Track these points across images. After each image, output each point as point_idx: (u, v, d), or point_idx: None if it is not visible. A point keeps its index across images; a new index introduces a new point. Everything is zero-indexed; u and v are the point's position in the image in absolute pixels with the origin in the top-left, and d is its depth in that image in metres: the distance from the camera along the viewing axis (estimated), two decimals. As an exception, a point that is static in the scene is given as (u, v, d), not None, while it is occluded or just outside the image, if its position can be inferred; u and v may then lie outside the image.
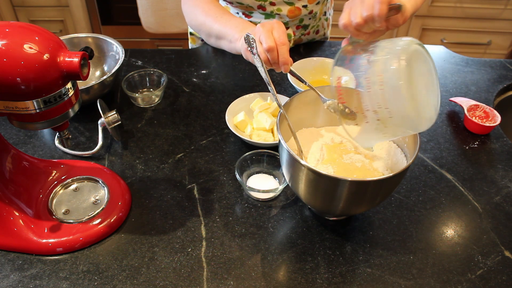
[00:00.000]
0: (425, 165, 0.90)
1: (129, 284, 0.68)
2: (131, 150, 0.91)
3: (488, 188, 0.85)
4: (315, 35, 1.25)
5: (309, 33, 1.23)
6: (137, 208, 0.79)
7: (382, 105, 0.61)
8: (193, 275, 0.69)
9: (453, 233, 0.77)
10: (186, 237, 0.74)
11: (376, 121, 0.64)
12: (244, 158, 0.83)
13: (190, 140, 0.93)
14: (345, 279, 0.69)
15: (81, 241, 0.72)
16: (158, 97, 1.03)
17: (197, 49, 1.25)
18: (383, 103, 0.61)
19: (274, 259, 0.72)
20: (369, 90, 0.62)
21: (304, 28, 1.19)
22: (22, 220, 0.72)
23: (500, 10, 2.12)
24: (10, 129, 0.95)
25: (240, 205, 0.80)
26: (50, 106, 0.60)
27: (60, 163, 0.83)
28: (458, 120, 1.01)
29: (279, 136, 0.68)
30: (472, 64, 1.21)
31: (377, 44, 0.65)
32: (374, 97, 0.61)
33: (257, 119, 0.92)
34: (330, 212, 0.74)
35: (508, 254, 0.74)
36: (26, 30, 0.57)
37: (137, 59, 1.17)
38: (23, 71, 0.55)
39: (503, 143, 0.96)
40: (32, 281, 0.67)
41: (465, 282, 0.70)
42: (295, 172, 0.67)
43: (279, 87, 1.09)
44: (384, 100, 0.61)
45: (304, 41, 1.25)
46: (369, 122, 0.65)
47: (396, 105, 0.61)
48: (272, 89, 0.77)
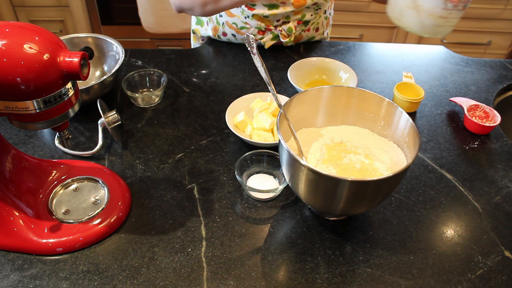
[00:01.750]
0: (425, 165, 0.90)
1: (129, 284, 0.68)
2: (131, 150, 0.91)
3: (488, 188, 0.86)
4: (315, 33, 1.25)
5: (309, 30, 1.23)
6: (137, 208, 0.79)
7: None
8: (193, 275, 0.69)
9: (453, 233, 0.77)
10: (186, 237, 0.74)
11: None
12: (244, 158, 0.83)
13: (190, 140, 0.93)
14: (345, 279, 0.69)
15: (81, 241, 0.72)
16: (158, 97, 1.03)
17: (197, 49, 1.25)
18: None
19: (274, 259, 0.72)
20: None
21: (305, 24, 1.20)
22: (22, 220, 0.72)
23: (500, 10, 2.12)
24: (10, 129, 0.95)
25: (240, 205, 0.80)
26: (50, 106, 0.60)
27: (60, 163, 0.83)
28: (458, 120, 1.02)
29: (279, 136, 0.68)
30: (472, 64, 1.21)
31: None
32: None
33: (257, 119, 0.92)
34: (330, 212, 0.74)
35: (508, 254, 0.74)
36: (26, 30, 0.57)
37: (137, 59, 1.17)
38: (23, 71, 0.55)
39: (503, 143, 0.96)
40: (32, 281, 0.68)
41: (465, 282, 0.70)
42: (295, 172, 0.67)
43: (279, 87, 1.09)
44: None
45: (304, 39, 1.25)
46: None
47: None
48: (272, 89, 0.77)
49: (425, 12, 0.77)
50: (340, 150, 0.77)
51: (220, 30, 1.22)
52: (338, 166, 0.74)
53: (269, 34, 1.19)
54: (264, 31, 1.18)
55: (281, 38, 1.18)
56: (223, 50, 1.23)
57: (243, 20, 1.17)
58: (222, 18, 1.19)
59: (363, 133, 0.81)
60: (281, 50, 1.23)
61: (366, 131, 0.82)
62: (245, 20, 1.16)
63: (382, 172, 0.73)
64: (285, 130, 0.76)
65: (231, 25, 1.19)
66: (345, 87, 0.80)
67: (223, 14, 1.18)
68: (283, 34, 1.18)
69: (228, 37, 1.23)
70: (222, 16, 1.19)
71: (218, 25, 1.21)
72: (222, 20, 1.20)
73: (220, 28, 1.22)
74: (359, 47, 1.27)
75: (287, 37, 1.18)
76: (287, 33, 1.18)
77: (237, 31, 1.20)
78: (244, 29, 1.18)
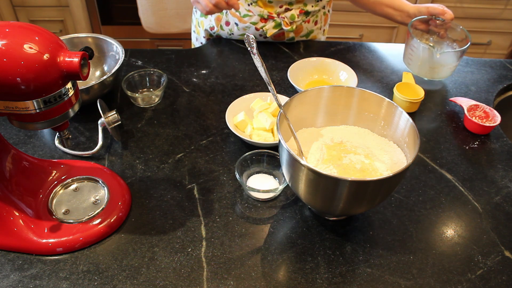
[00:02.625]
0: (425, 165, 0.90)
1: (129, 284, 0.68)
2: (131, 150, 0.91)
3: (488, 188, 0.86)
4: (314, 26, 1.26)
5: (309, 22, 1.24)
6: (137, 208, 0.79)
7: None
8: (193, 275, 0.69)
9: (453, 233, 0.77)
10: (186, 237, 0.74)
11: None
12: (244, 158, 0.83)
13: (190, 140, 0.93)
14: (345, 279, 0.69)
15: (81, 241, 0.72)
16: (158, 97, 1.03)
17: (197, 49, 1.25)
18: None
19: (274, 259, 0.72)
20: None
21: (306, 15, 1.21)
22: (22, 220, 0.72)
23: (500, 10, 2.12)
24: (10, 129, 0.95)
25: (240, 205, 0.80)
26: (50, 106, 0.60)
27: (60, 163, 0.83)
28: (458, 120, 1.02)
29: (279, 136, 0.68)
30: (472, 64, 1.21)
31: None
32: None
33: (257, 119, 0.92)
34: (330, 212, 0.74)
35: (508, 254, 0.74)
36: (26, 30, 0.57)
37: (137, 59, 1.17)
38: (23, 71, 0.55)
39: (503, 143, 0.96)
40: (32, 281, 0.68)
41: (465, 282, 0.70)
42: (295, 172, 0.67)
43: (279, 87, 1.09)
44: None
45: (304, 31, 1.25)
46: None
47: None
48: (272, 89, 0.77)
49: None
50: (340, 150, 0.77)
51: (224, 19, 1.22)
52: (338, 166, 0.74)
53: (272, 22, 1.19)
54: (266, 19, 1.19)
55: (283, 26, 1.19)
56: (223, 50, 1.23)
57: (246, 7, 1.17)
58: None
59: (363, 133, 0.81)
60: (281, 50, 1.23)
61: (366, 131, 0.82)
62: (248, 8, 1.17)
63: (382, 172, 0.73)
64: (285, 130, 0.76)
65: (234, 13, 1.20)
66: (345, 87, 0.80)
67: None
68: (285, 21, 1.18)
69: (230, 27, 1.23)
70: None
71: (222, 14, 1.22)
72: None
73: (223, 17, 1.22)
74: (359, 47, 1.27)
75: (289, 25, 1.19)
76: (289, 20, 1.18)
77: (239, 19, 1.20)
78: (247, 17, 1.19)
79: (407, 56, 1.14)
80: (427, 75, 1.12)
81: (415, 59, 1.10)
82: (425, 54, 1.07)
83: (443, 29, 1.13)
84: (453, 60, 1.07)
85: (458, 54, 1.06)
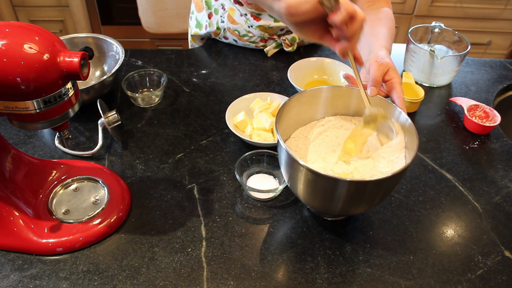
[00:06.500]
0: (425, 165, 0.90)
1: (129, 284, 0.68)
2: (131, 150, 0.91)
3: (488, 188, 0.85)
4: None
5: None
6: (137, 208, 0.79)
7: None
8: (193, 275, 0.69)
9: (453, 233, 0.77)
10: (186, 237, 0.74)
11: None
12: (244, 158, 0.83)
13: (190, 140, 0.93)
14: (345, 279, 0.69)
15: (81, 241, 0.72)
16: (158, 97, 1.03)
17: (197, 49, 1.25)
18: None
19: (274, 259, 0.72)
20: None
21: None
22: (22, 220, 0.72)
23: (500, 10, 2.12)
24: (10, 129, 0.95)
25: (240, 205, 0.80)
26: (50, 106, 0.60)
27: (60, 163, 0.83)
28: (458, 120, 1.01)
29: (277, 136, 0.68)
30: (472, 64, 1.21)
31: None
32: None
33: (257, 119, 0.92)
34: (329, 212, 0.74)
35: (508, 254, 0.74)
36: (26, 30, 0.57)
37: (137, 59, 1.17)
38: (23, 71, 0.55)
39: (503, 143, 0.96)
40: (32, 281, 0.68)
41: (465, 282, 0.70)
42: (294, 173, 0.67)
43: (279, 87, 1.09)
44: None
45: (305, 43, 1.25)
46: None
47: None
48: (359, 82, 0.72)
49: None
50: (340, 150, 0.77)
51: (221, 34, 1.22)
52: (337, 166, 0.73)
53: (272, 42, 1.19)
54: (267, 40, 1.18)
55: (284, 47, 1.19)
56: (223, 50, 1.23)
57: (246, 28, 1.16)
58: (224, 24, 1.19)
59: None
60: (281, 50, 1.23)
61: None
62: (248, 29, 1.16)
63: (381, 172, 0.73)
64: (283, 130, 0.76)
65: (233, 32, 1.19)
66: (345, 87, 0.80)
67: (225, 20, 1.18)
68: (286, 43, 1.18)
69: (229, 41, 1.23)
70: (224, 22, 1.19)
71: (219, 30, 1.21)
72: (223, 25, 1.19)
73: (221, 33, 1.21)
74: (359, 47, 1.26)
75: (290, 46, 1.19)
76: (290, 42, 1.18)
77: (239, 37, 1.20)
78: (246, 36, 1.18)
79: (407, 62, 1.14)
80: (428, 81, 1.12)
81: (416, 65, 1.11)
82: (426, 59, 1.07)
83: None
84: (454, 65, 1.07)
85: (458, 58, 1.07)
